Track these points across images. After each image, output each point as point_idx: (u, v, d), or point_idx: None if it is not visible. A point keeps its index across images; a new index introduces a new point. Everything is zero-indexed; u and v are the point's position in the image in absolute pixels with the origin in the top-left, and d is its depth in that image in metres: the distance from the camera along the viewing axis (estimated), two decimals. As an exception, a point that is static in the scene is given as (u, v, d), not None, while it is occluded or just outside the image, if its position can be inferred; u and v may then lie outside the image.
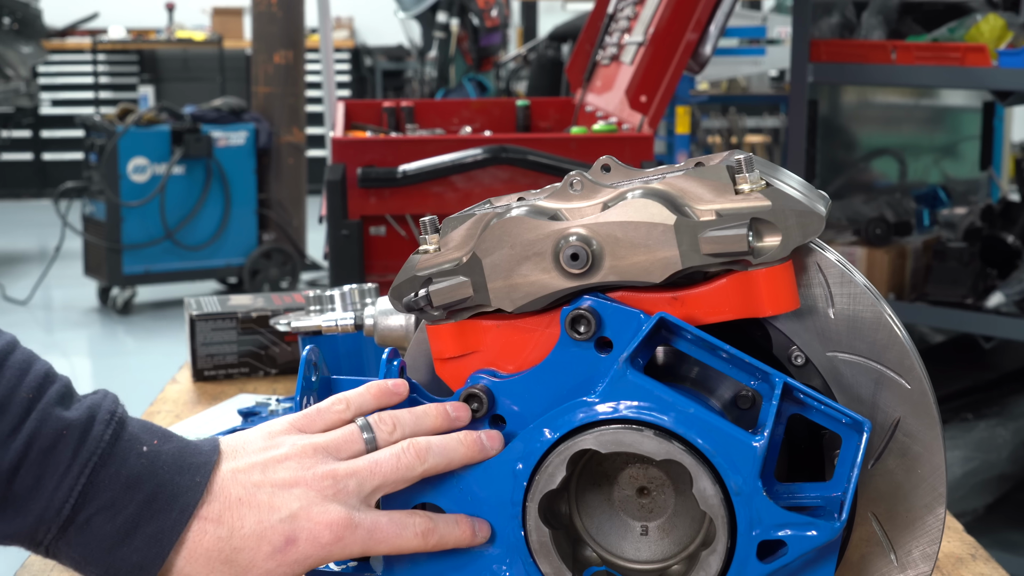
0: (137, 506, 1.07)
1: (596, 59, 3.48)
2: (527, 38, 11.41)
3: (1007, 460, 4.30)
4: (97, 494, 1.06)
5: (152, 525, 1.07)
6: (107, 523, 1.06)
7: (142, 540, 1.06)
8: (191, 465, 1.09)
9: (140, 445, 1.09)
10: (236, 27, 13.60)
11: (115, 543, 1.06)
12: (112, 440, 1.08)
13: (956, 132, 5.52)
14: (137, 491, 1.07)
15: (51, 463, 1.06)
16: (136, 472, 1.07)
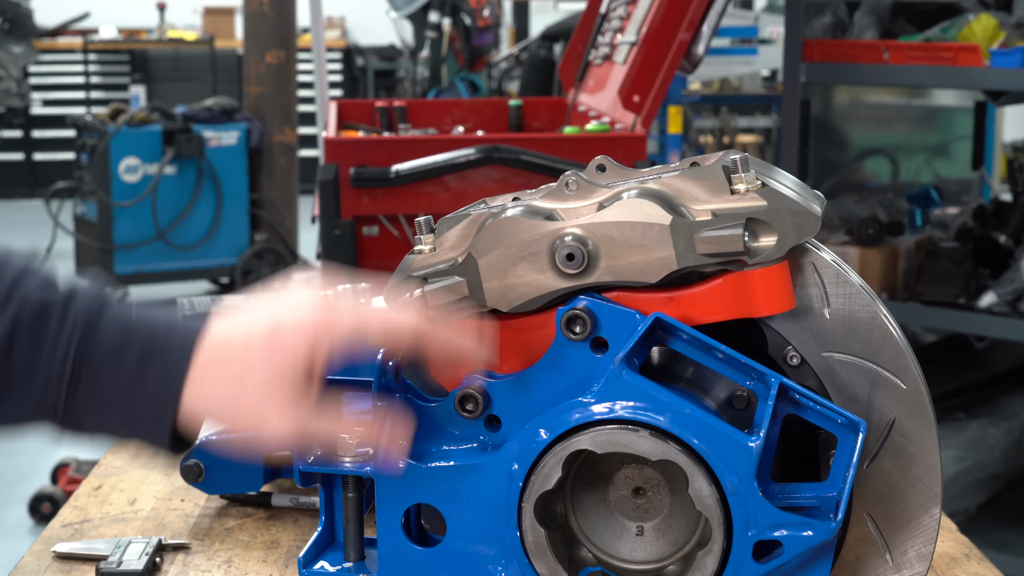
0: (138, 354, 1.10)
1: (589, 59, 3.48)
2: (519, 38, 11.41)
3: (999, 459, 4.30)
4: (94, 351, 1.10)
5: (156, 367, 1.10)
6: (113, 376, 1.10)
7: (152, 384, 1.10)
8: (185, 318, 1.13)
9: (129, 310, 1.12)
10: (227, 27, 13.57)
11: (126, 394, 1.10)
12: (98, 308, 1.11)
13: (948, 132, 5.53)
14: (134, 339, 1.10)
15: (42, 335, 1.09)
16: (129, 327, 1.11)
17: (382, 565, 1.20)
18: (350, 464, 1.20)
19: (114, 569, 1.49)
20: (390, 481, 1.18)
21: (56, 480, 5.36)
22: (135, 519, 1.68)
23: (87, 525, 1.66)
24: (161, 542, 1.56)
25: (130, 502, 1.74)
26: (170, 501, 1.74)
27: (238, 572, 1.52)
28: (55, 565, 1.55)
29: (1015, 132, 10.86)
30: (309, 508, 1.70)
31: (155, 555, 1.53)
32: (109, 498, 1.75)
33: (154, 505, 1.73)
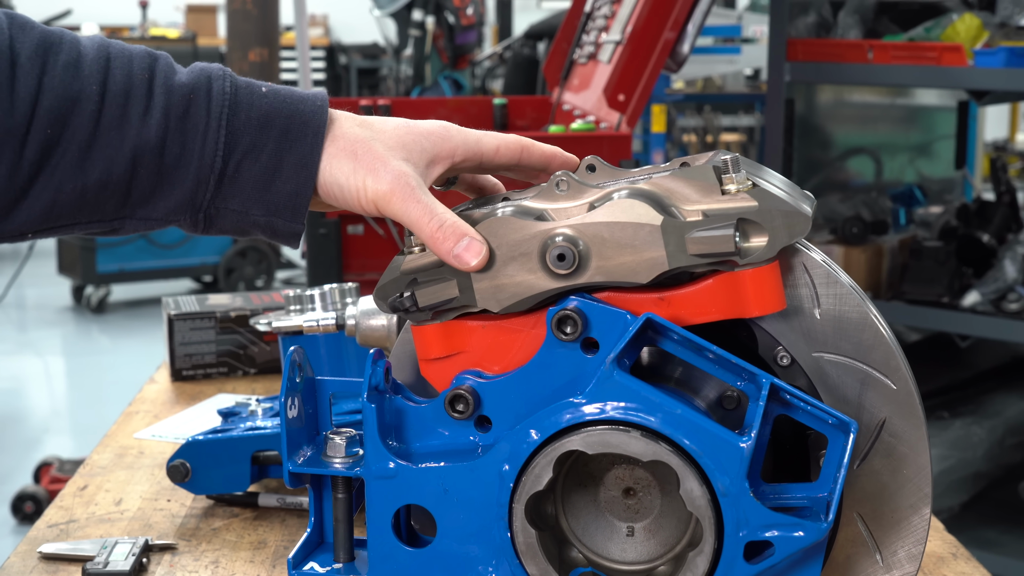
0: (275, 141, 1.15)
1: (573, 57, 3.48)
2: (502, 36, 11.40)
3: (982, 458, 4.31)
4: (238, 141, 1.14)
5: (294, 154, 1.15)
6: (254, 165, 1.14)
7: (290, 170, 1.15)
8: (308, 96, 1.18)
9: (258, 87, 1.17)
10: (210, 24, 13.54)
11: (266, 180, 1.15)
12: (233, 91, 1.16)
13: (931, 131, 5.54)
14: (271, 127, 1.15)
15: (190, 126, 1.13)
16: (264, 111, 1.16)
17: (372, 566, 1.20)
18: (340, 465, 1.20)
19: (101, 570, 1.48)
20: (380, 482, 1.18)
21: (39, 479, 5.34)
22: (121, 519, 1.67)
23: (73, 525, 1.66)
24: (148, 542, 1.56)
25: (116, 502, 1.73)
26: (156, 501, 1.73)
27: (225, 572, 1.52)
28: (41, 566, 1.54)
29: (996, 132, 10.91)
30: (296, 508, 1.70)
31: (142, 556, 1.53)
32: (95, 498, 1.75)
33: (140, 505, 1.72)
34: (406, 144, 1.19)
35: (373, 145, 1.17)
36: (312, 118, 1.16)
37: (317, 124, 1.16)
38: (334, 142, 1.17)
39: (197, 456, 1.67)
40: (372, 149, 1.17)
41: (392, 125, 1.20)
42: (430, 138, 1.20)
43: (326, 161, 1.16)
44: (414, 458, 1.18)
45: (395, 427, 1.20)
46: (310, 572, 1.22)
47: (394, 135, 1.19)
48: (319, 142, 1.16)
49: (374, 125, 1.20)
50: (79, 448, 5.98)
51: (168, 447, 1.95)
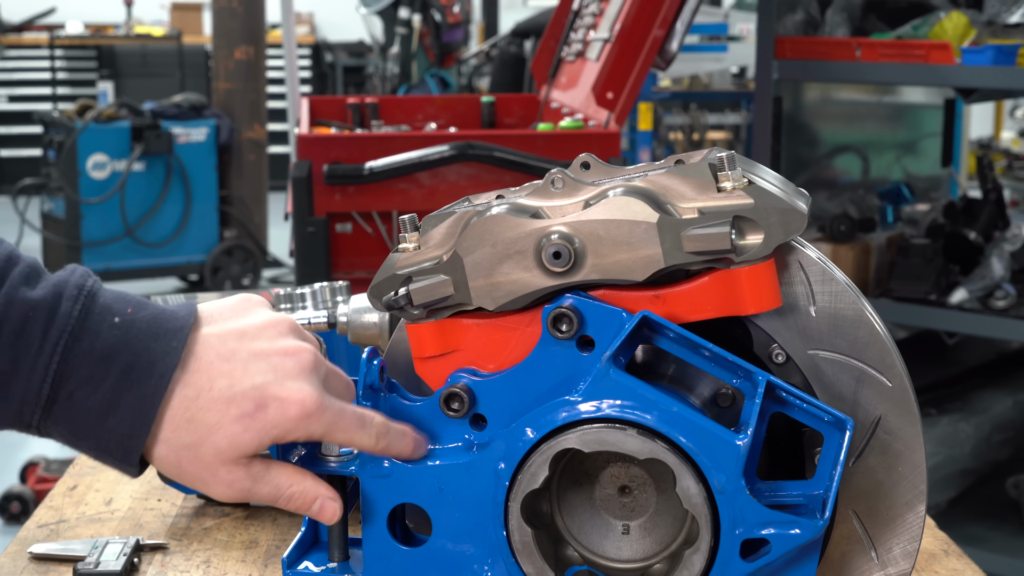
0: (116, 377, 1.06)
1: (561, 55, 3.48)
2: (488, 34, 11.40)
3: (969, 455, 4.32)
4: (74, 370, 1.06)
5: (133, 394, 1.06)
6: (89, 397, 1.06)
7: (126, 410, 1.06)
8: (167, 331, 1.08)
9: (112, 316, 1.07)
10: (195, 22, 13.51)
11: (100, 416, 1.06)
12: (82, 315, 1.06)
13: (917, 129, 5.55)
14: (114, 362, 1.06)
15: (23, 344, 1.05)
16: (111, 343, 1.06)
17: (367, 565, 1.19)
18: (335, 464, 1.20)
19: (92, 570, 1.48)
20: (375, 481, 1.17)
21: (25, 479, 5.33)
22: (112, 519, 1.67)
23: (63, 526, 1.65)
24: (139, 542, 1.55)
25: (106, 502, 1.72)
26: (147, 501, 1.73)
27: (217, 572, 1.51)
28: (31, 566, 1.53)
29: (981, 130, 10.94)
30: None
31: (133, 555, 1.52)
32: (85, 498, 1.74)
33: (131, 505, 1.71)
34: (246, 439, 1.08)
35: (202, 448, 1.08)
36: (161, 359, 1.06)
37: (164, 367, 1.06)
38: (183, 402, 1.08)
39: (188, 455, 1.66)
40: (199, 455, 1.08)
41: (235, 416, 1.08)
42: (278, 428, 1.09)
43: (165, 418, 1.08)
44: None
45: (390, 426, 1.19)
46: (305, 571, 1.22)
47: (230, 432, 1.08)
48: (163, 386, 1.06)
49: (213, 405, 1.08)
50: (65, 448, 5.96)
51: (158, 446, 1.94)
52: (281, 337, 1.13)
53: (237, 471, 1.10)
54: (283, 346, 1.12)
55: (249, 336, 1.12)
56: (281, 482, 1.13)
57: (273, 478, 1.12)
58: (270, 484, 1.12)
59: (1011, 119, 11.09)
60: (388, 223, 2.71)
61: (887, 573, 1.19)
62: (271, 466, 1.12)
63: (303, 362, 1.11)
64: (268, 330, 1.13)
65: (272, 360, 1.10)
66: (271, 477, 1.12)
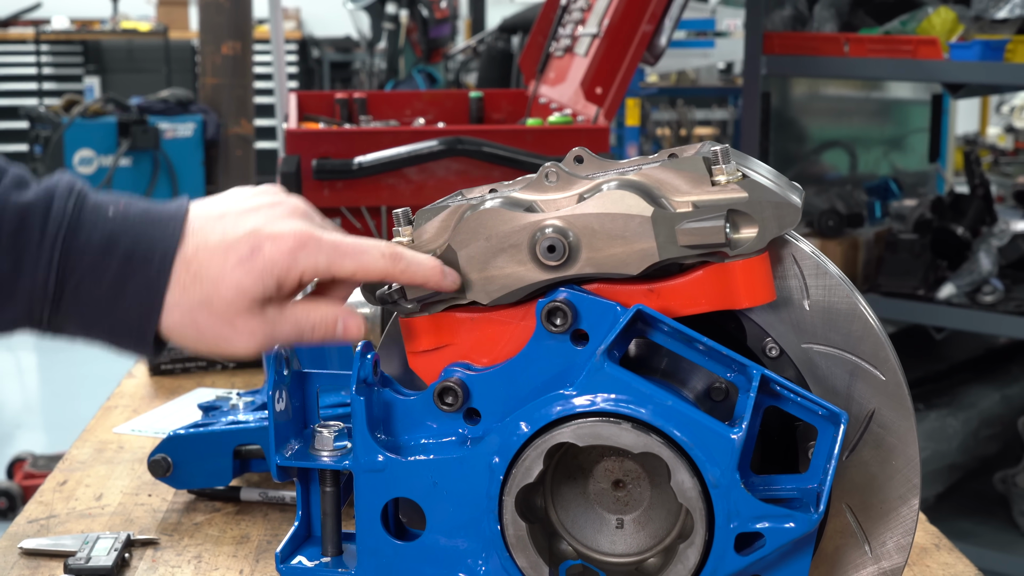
0: (119, 264, 1.08)
1: (550, 51, 3.47)
2: (476, 30, 11.38)
3: (957, 450, 4.33)
4: (76, 263, 1.08)
5: (138, 278, 1.08)
6: (95, 287, 1.08)
7: (134, 295, 1.08)
8: (162, 218, 1.11)
9: (106, 210, 1.10)
10: (181, 18, 13.47)
11: (109, 304, 1.09)
12: (76, 210, 1.09)
13: (905, 125, 5.55)
14: (114, 250, 1.08)
15: (22, 244, 1.07)
16: (108, 232, 1.08)
17: (360, 560, 1.19)
18: (328, 458, 1.19)
19: (83, 565, 1.47)
20: (368, 475, 1.17)
21: (12, 475, 5.31)
22: (102, 514, 1.66)
23: (53, 521, 1.64)
24: (129, 537, 1.55)
25: (96, 497, 1.72)
26: (137, 496, 1.72)
27: (208, 567, 1.51)
28: (22, 561, 1.53)
29: (967, 125, 10.96)
30: (278, 502, 1.69)
31: (124, 551, 1.52)
32: (75, 493, 1.73)
33: (121, 500, 1.71)
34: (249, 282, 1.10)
35: (213, 304, 1.10)
36: (161, 242, 1.09)
37: (165, 248, 1.09)
38: (186, 267, 1.10)
39: (179, 450, 1.66)
40: (213, 311, 1.10)
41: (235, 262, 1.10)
42: (277, 265, 1.10)
43: (174, 288, 1.10)
44: (403, 451, 1.18)
45: (383, 420, 1.19)
46: (298, 566, 1.21)
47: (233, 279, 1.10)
48: (167, 266, 1.09)
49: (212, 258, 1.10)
50: (53, 443, 5.95)
51: (148, 442, 1.94)
52: (270, 196, 1.15)
53: (253, 320, 1.11)
54: (272, 199, 1.14)
55: (239, 200, 1.15)
56: (299, 317, 1.13)
57: (290, 316, 1.13)
58: (289, 322, 1.13)
59: (997, 115, 11.11)
60: (377, 218, 2.70)
61: (881, 567, 1.19)
62: (285, 307, 1.13)
63: (292, 207, 1.14)
64: (258, 195, 1.15)
65: (262, 210, 1.13)
66: (288, 316, 1.13)
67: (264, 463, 1.68)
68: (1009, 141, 10.32)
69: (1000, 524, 4.22)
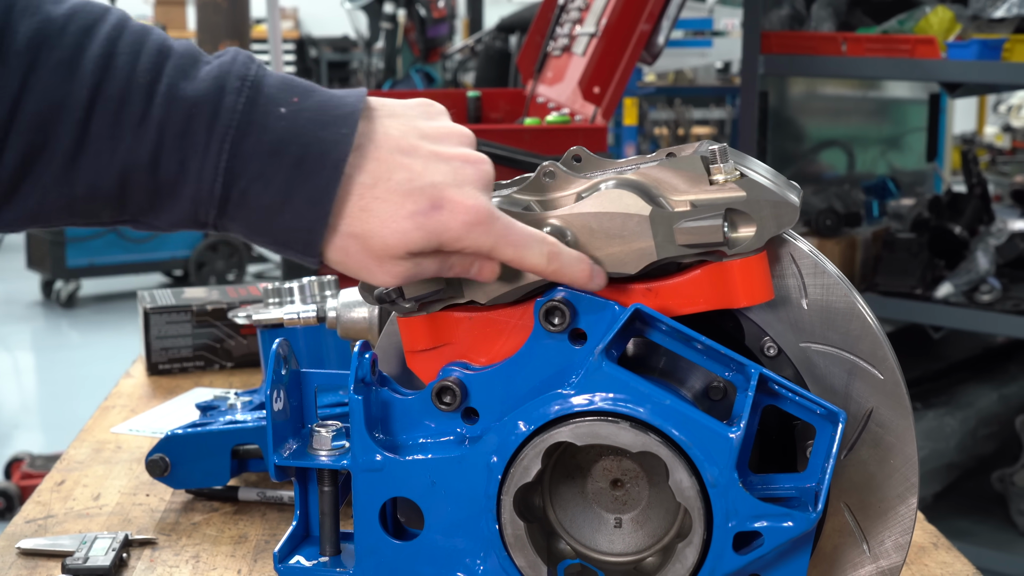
0: (287, 171, 1.03)
1: (547, 50, 3.47)
2: (473, 29, 11.38)
3: (955, 449, 4.34)
4: (244, 166, 1.03)
5: (307, 187, 1.04)
6: (262, 193, 1.03)
7: (301, 204, 1.04)
8: (335, 118, 1.05)
9: (278, 106, 1.04)
10: (179, 17, 13.47)
11: (274, 211, 1.04)
12: (247, 108, 1.04)
13: (902, 124, 5.56)
14: (284, 156, 1.03)
15: (189, 144, 1.02)
16: (278, 136, 1.03)
17: (359, 559, 1.19)
18: (326, 458, 1.19)
19: (81, 565, 1.47)
20: (366, 475, 1.17)
21: (10, 475, 5.31)
22: (100, 514, 1.66)
23: (51, 521, 1.64)
24: (127, 537, 1.55)
25: (94, 497, 1.72)
26: (135, 496, 1.72)
27: (206, 567, 1.51)
28: (20, 561, 1.52)
29: (964, 125, 10.97)
30: (276, 502, 1.69)
31: (122, 551, 1.51)
32: (73, 493, 1.73)
33: (119, 500, 1.71)
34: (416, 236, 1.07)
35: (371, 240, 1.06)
36: (333, 148, 1.04)
37: (336, 157, 1.04)
38: (360, 194, 1.06)
39: (177, 450, 1.66)
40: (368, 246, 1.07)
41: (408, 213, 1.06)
42: (449, 232, 1.07)
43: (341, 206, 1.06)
44: (401, 450, 1.18)
45: (381, 419, 1.19)
46: (296, 566, 1.21)
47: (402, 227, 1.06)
48: (336, 177, 1.04)
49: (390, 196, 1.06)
50: (50, 444, 5.95)
51: (146, 441, 1.94)
52: (463, 145, 1.11)
53: (403, 263, 1.07)
54: (464, 153, 1.10)
55: (431, 138, 1.10)
56: (438, 258, 1.09)
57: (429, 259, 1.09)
58: (435, 259, 1.09)
59: (994, 114, 11.12)
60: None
61: (879, 566, 1.19)
62: None
63: (483, 173, 1.09)
64: (451, 137, 1.11)
65: (453, 164, 1.08)
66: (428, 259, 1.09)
67: (262, 463, 1.68)
68: (1006, 140, 10.33)
69: (998, 523, 4.23)
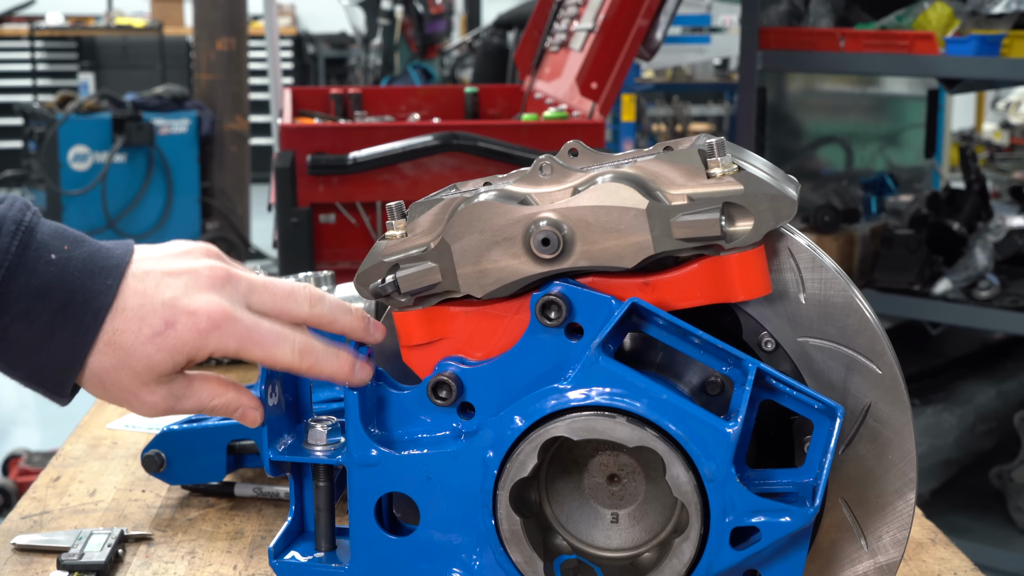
0: (50, 314, 1.08)
1: (545, 46, 3.46)
2: (471, 25, 11.37)
3: (953, 445, 4.33)
4: (10, 304, 1.07)
5: (67, 331, 1.08)
6: (24, 331, 1.08)
7: (60, 346, 1.08)
8: (102, 269, 1.10)
9: (49, 253, 1.09)
10: (176, 13, 13.46)
11: (34, 350, 1.08)
12: (19, 251, 1.08)
13: (900, 120, 5.55)
14: (49, 300, 1.08)
15: None
16: (46, 280, 1.08)
17: (354, 555, 1.18)
18: (321, 453, 1.19)
19: (76, 561, 1.46)
20: (362, 470, 1.17)
21: (7, 472, 5.30)
22: (95, 510, 1.65)
23: (46, 517, 1.64)
24: (123, 533, 1.54)
25: (90, 493, 1.71)
26: (131, 492, 1.72)
27: (202, 563, 1.50)
28: (15, 558, 1.52)
29: (962, 121, 10.96)
30: (272, 498, 1.68)
31: (117, 546, 1.51)
32: (68, 489, 1.73)
33: (114, 496, 1.70)
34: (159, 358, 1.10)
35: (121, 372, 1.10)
36: (96, 297, 1.08)
37: (98, 305, 1.08)
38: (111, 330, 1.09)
39: (172, 446, 1.65)
40: (119, 379, 1.10)
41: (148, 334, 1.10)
42: (188, 344, 1.10)
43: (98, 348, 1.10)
44: (396, 445, 1.17)
45: (377, 414, 1.19)
46: (291, 561, 1.21)
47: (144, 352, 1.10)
48: (98, 324, 1.08)
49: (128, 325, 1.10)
50: (47, 440, 5.94)
51: (142, 437, 1.93)
52: (196, 258, 1.14)
53: (159, 390, 1.12)
54: (196, 264, 1.13)
55: (165, 259, 1.13)
56: (203, 396, 1.14)
57: (195, 393, 1.14)
58: (192, 399, 1.14)
59: (993, 111, 11.11)
60: (372, 213, 2.70)
61: (877, 561, 1.18)
62: (193, 381, 1.14)
63: (216, 274, 1.12)
64: (185, 256, 1.14)
65: (183, 277, 1.12)
66: (193, 393, 1.14)
67: (258, 458, 1.68)
68: (1005, 137, 10.32)
69: (996, 519, 4.23)
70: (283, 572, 1.21)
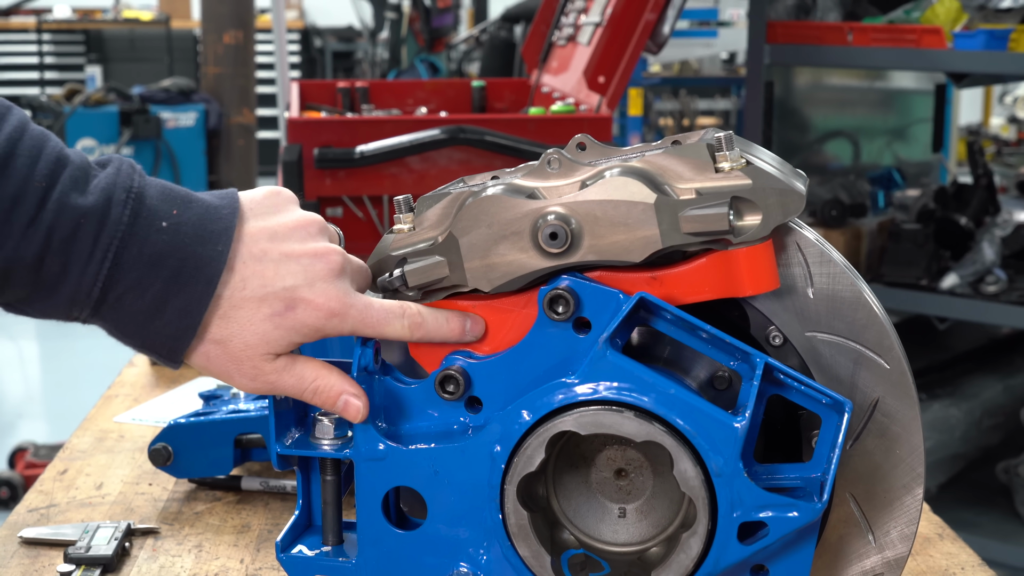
0: (163, 282, 1.09)
1: (552, 39, 3.46)
2: (478, 19, 11.36)
3: (959, 440, 4.33)
4: (123, 275, 1.08)
5: (180, 299, 1.09)
6: (137, 300, 1.09)
7: (173, 314, 1.10)
8: (212, 233, 1.11)
9: (159, 220, 1.09)
10: (183, 7, 13.46)
11: (147, 318, 1.10)
12: (131, 220, 1.08)
13: (908, 115, 5.54)
14: (162, 268, 1.09)
15: (74, 250, 1.07)
16: (158, 249, 1.09)
17: (361, 549, 1.18)
18: (328, 447, 1.19)
19: (83, 554, 1.47)
20: (369, 464, 1.16)
21: (14, 464, 5.31)
22: (102, 503, 1.66)
23: (53, 510, 1.64)
24: (130, 527, 1.54)
25: (97, 486, 1.71)
26: (138, 485, 1.72)
27: (208, 556, 1.51)
28: (22, 551, 1.52)
29: (970, 116, 10.95)
30: (279, 491, 1.68)
31: (124, 540, 1.51)
32: (75, 482, 1.73)
33: (121, 489, 1.70)
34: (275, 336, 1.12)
35: (231, 344, 1.12)
36: (207, 265, 1.10)
37: (211, 273, 1.10)
38: (219, 304, 1.11)
39: (179, 439, 1.66)
40: (228, 349, 1.12)
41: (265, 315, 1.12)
42: (307, 327, 1.13)
43: (210, 317, 1.11)
44: (404, 440, 1.17)
45: (384, 408, 1.18)
46: (298, 555, 1.21)
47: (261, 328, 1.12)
48: (210, 292, 1.10)
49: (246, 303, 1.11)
50: (54, 433, 5.95)
51: (149, 431, 1.93)
52: (311, 239, 1.15)
53: (263, 364, 1.13)
54: (313, 248, 1.14)
55: (280, 236, 1.14)
56: (306, 375, 1.15)
57: (298, 371, 1.14)
58: (294, 376, 1.14)
59: (1000, 105, 11.09)
60: (379, 207, 2.70)
61: (884, 556, 1.18)
62: (296, 360, 1.15)
63: (332, 264, 1.14)
64: (299, 231, 1.15)
65: (302, 262, 1.13)
66: (296, 370, 1.14)
67: (265, 452, 1.68)
68: (1012, 131, 10.31)
69: (1003, 514, 4.22)
70: (290, 566, 1.21)
